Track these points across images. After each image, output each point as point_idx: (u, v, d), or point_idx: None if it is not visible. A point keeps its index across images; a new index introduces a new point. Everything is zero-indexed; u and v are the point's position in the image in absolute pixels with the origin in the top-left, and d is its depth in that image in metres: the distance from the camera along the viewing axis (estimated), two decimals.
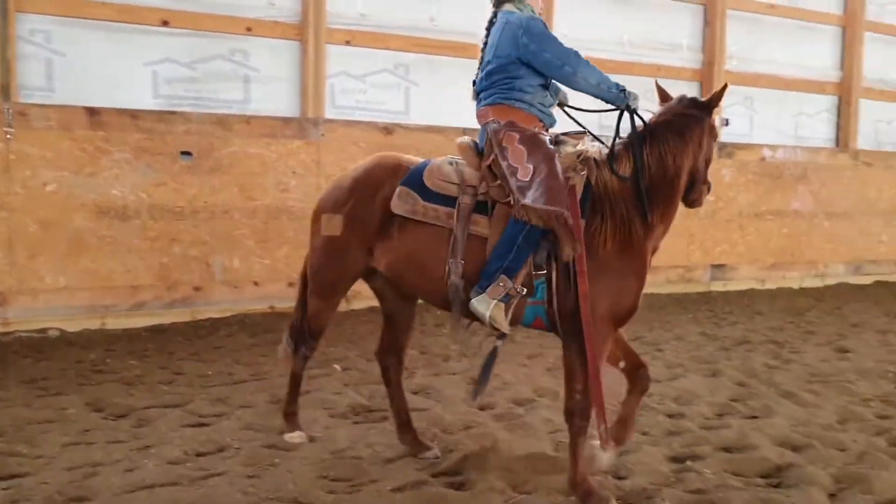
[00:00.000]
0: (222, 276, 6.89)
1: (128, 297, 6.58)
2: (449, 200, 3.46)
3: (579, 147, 3.51)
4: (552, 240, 3.26)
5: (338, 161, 7.30)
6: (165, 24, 6.86)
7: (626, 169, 3.41)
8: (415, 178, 3.54)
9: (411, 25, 7.93)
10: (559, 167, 3.33)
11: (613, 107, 3.52)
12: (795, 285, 9.78)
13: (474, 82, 3.77)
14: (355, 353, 5.94)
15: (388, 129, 7.58)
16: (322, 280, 3.89)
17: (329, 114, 7.57)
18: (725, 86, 3.60)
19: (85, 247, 6.36)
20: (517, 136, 3.43)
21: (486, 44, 3.68)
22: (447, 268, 3.39)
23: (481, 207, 3.42)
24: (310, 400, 4.69)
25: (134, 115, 6.54)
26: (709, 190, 3.69)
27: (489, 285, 3.28)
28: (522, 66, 3.51)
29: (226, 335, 6.39)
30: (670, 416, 4.40)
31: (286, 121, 7.18)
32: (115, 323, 6.50)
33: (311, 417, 4.34)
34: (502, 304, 3.28)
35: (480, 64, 3.72)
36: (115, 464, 3.62)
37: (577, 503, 3.25)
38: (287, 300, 7.14)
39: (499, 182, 3.38)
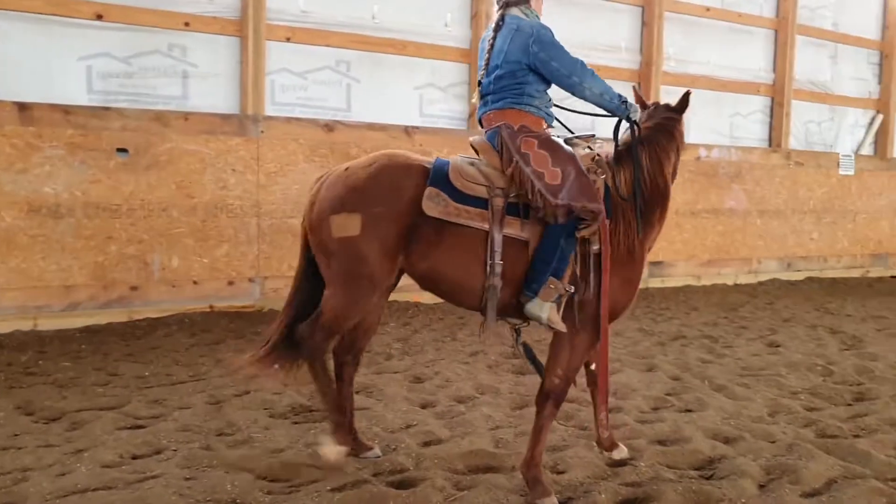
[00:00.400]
0: (160, 274, 6.77)
1: (61, 298, 6.41)
2: (480, 202, 3.46)
3: (594, 149, 3.67)
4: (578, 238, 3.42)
5: (277, 158, 7.24)
6: (100, 17, 6.69)
7: (627, 174, 3.58)
8: (441, 179, 3.48)
9: (353, 23, 7.89)
10: (584, 167, 3.49)
11: (614, 116, 3.70)
12: (730, 281, 10.04)
13: (479, 83, 3.77)
14: None
15: (329, 127, 7.54)
16: (345, 284, 3.54)
17: (269, 111, 7.49)
18: (689, 92, 3.77)
19: (16, 246, 6.18)
20: (535, 141, 3.52)
21: (492, 46, 3.71)
22: (486, 269, 3.42)
23: (512, 209, 3.48)
24: (249, 400, 4.65)
25: (67, 110, 6.37)
26: None
27: (539, 288, 3.38)
28: (531, 72, 3.60)
29: (164, 335, 6.27)
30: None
31: (225, 117, 7.08)
32: (47, 324, 6.32)
33: (250, 418, 4.31)
34: (555, 305, 3.38)
35: (486, 67, 3.73)
36: (47, 468, 3.52)
37: (526, 486, 3.35)
38: (226, 299, 7.08)
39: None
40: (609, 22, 9.56)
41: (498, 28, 3.71)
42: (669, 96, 9.78)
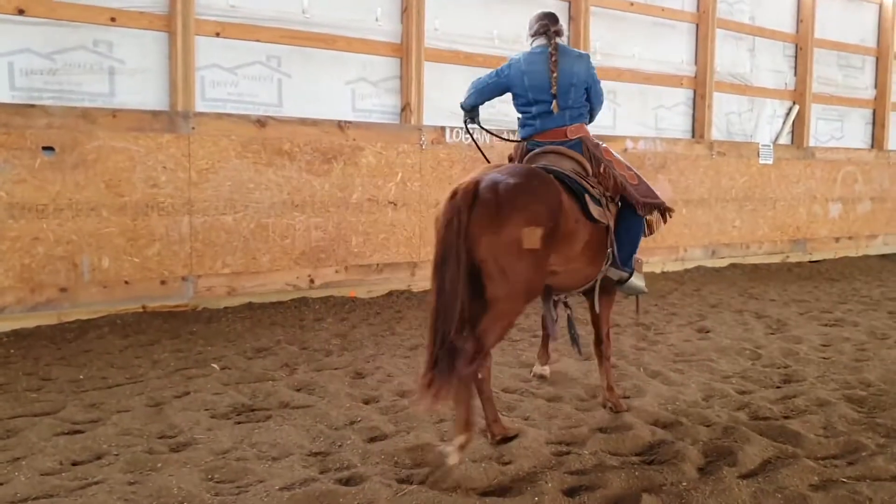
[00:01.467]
0: (90, 276, 6.60)
1: None
2: (600, 201, 4.11)
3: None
4: None
5: (209, 155, 7.13)
6: (21, 12, 6.47)
7: None
8: (579, 185, 4.03)
9: (283, 17, 7.81)
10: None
11: None
12: (658, 269, 10.34)
13: (554, 96, 4.31)
14: (233, 352, 5.83)
15: (261, 122, 7.46)
16: (523, 295, 3.64)
17: (200, 107, 7.36)
18: None
19: None
20: (607, 149, 4.45)
21: (556, 66, 4.30)
22: (606, 257, 4.19)
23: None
24: (189, 401, 4.60)
25: None
26: None
27: (633, 265, 4.33)
28: (586, 92, 4.45)
29: (96, 337, 6.13)
30: (549, 399, 4.60)
31: (155, 114, 6.93)
32: None
33: (192, 419, 4.27)
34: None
35: (557, 84, 4.28)
36: None
37: (613, 406, 4.39)
38: (159, 299, 6.96)
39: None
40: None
41: (556, 52, 4.33)
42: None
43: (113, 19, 6.91)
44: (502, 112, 9.43)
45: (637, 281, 4.38)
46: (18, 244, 6.27)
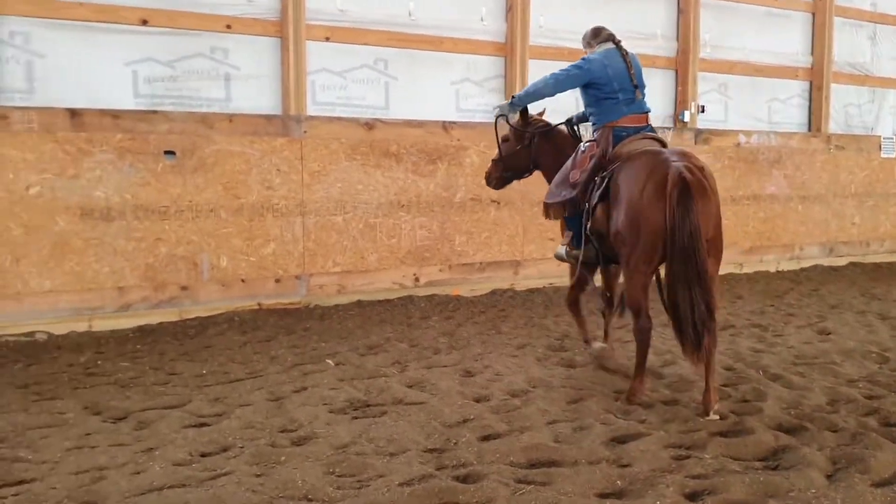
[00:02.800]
0: (209, 274, 6.88)
1: (114, 299, 6.55)
2: None
3: None
4: None
5: (320, 157, 7.31)
6: (144, 22, 6.81)
7: None
8: None
9: (390, 20, 7.94)
10: None
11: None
12: (772, 268, 9.96)
13: (636, 87, 4.95)
14: (346, 349, 5.96)
15: (369, 125, 7.60)
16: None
17: (311, 110, 7.57)
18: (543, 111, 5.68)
19: (70, 249, 6.32)
20: None
21: (631, 66, 4.96)
22: None
23: None
24: (307, 396, 4.73)
25: (115, 115, 6.50)
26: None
27: None
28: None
29: (216, 334, 6.39)
30: (666, 403, 4.50)
31: (269, 118, 7.17)
32: (101, 325, 6.47)
33: (311, 414, 4.38)
34: None
35: (634, 76, 4.96)
36: (121, 467, 3.62)
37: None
38: (274, 297, 7.19)
39: None
40: (644, 9, 9.51)
41: (627, 54, 4.99)
42: (706, 83, 9.76)
43: (229, 27, 7.18)
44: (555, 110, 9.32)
45: None
46: (143, 244, 6.60)
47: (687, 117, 9.61)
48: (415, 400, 4.64)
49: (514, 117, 5.57)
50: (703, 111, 9.77)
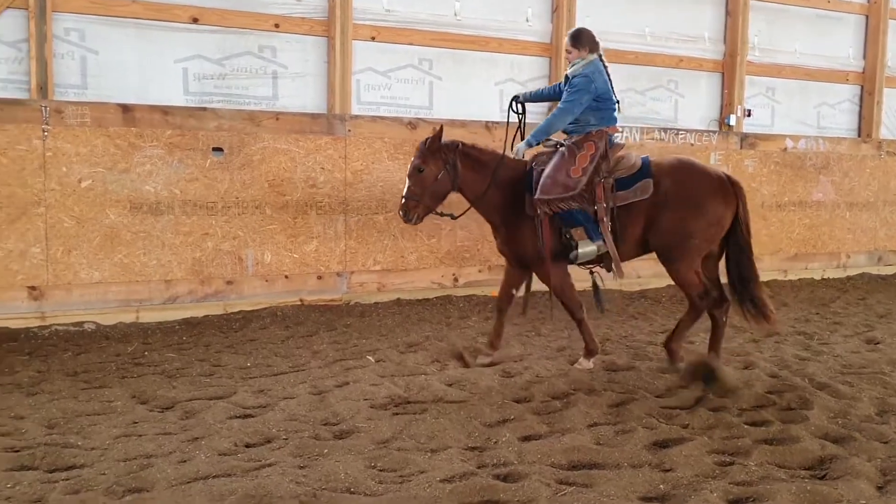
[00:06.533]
0: (254, 269, 6.98)
1: (161, 291, 6.68)
2: None
3: None
4: None
5: (364, 156, 7.37)
6: (195, 21, 6.93)
7: None
8: None
9: (435, 20, 7.97)
10: None
11: None
12: (817, 276, 9.79)
13: (616, 102, 5.41)
14: (386, 346, 6.01)
15: (412, 125, 7.64)
16: None
17: (355, 110, 7.63)
18: (441, 127, 5.39)
19: (119, 242, 6.46)
20: None
21: (610, 78, 5.36)
22: None
23: None
24: (349, 391, 4.78)
25: (166, 111, 6.63)
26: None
27: None
28: None
29: (259, 328, 6.48)
30: (710, 409, 4.45)
31: (314, 117, 7.24)
32: (148, 316, 6.60)
33: (353, 408, 4.42)
34: None
35: (613, 89, 5.40)
36: (168, 455, 3.70)
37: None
38: (316, 293, 7.27)
39: None
40: (691, 11, 9.40)
41: (606, 66, 5.34)
42: (753, 86, 9.62)
43: (277, 25, 7.27)
44: (653, 110, 9.25)
45: None
46: (190, 239, 6.72)
47: (733, 121, 9.49)
48: (455, 398, 4.66)
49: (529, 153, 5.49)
50: (749, 115, 9.64)
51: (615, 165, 5.24)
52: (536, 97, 5.76)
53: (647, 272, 8.77)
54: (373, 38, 7.70)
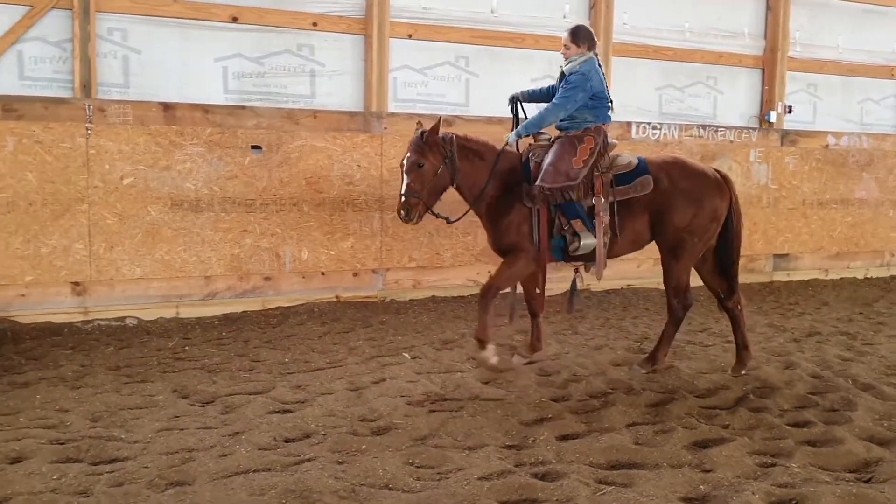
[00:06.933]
0: (291, 266, 7.04)
1: (201, 287, 6.77)
2: None
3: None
4: None
5: (400, 154, 7.31)
6: (235, 20, 7.00)
7: None
8: None
9: (472, 17, 7.96)
10: None
11: None
12: (860, 275, 9.61)
13: (610, 101, 5.31)
14: (422, 343, 6.02)
15: (448, 122, 7.61)
16: None
17: (392, 107, 7.65)
18: (440, 119, 5.15)
19: (160, 238, 6.56)
20: None
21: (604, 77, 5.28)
22: None
23: None
24: (386, 387, 4.80)
25: (206, 109, 6.71)
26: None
27: None
28: None
29: (296, 323, 6.54)
30: (751, 409, 4.39)
31: (352, 115, 7.28)
32: (188, 312, 6.70)
33: (390, 405, 4.44)
34: None
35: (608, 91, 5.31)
36: (209, 449, 3.75)
37: None
38: (351, 290, 7.31)
39: None
40: (731, 7, 9.27)
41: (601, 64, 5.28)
42: (794, 82, 9.45)
43: (315, 24, 7.32)
44: (692, 106, 9.15)
45: None
46: (230, 235, 6.80)
47: (773, 118, 9.34)
48: (491, 396, 4.66)
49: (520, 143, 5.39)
50: (790, 112, 9.48)
51: (612, 162, 5.23)
52: (534, 96, 5.62)
53: None
54: (410, 36, 7.72)
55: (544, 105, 5.24)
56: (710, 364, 5.45)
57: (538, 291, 5.53)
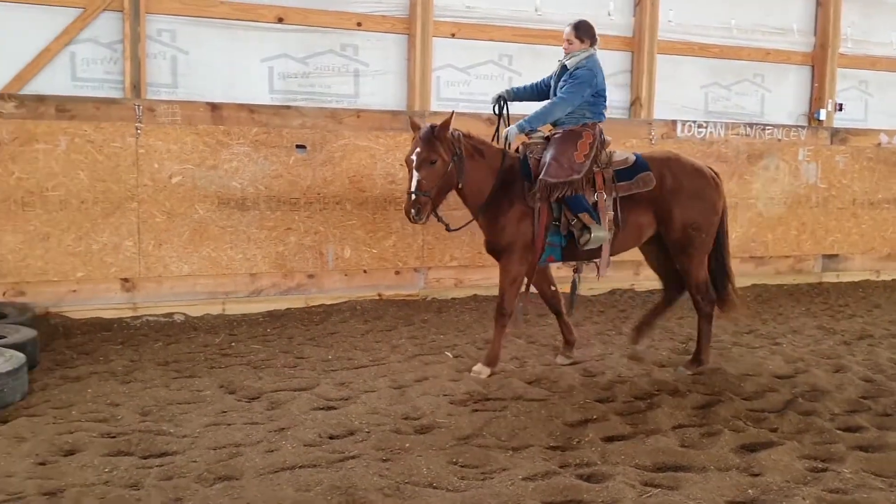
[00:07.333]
0: (334, 264, 7.10)
1: (246, 284, 6.87)
2: None
3: None
4: None
5: None
6: (280, 20, 7.08)
7: None
8: None
9: (516, 16, 7.94)
10: None
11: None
12: None
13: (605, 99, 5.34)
14: (464, 341, 6.03)
15: (491, 121, 7.57)
16: None
17: (434, 106, 7.66)
18: (452, 113, 5.03)
19: (207, 236, 6.66)
20: None
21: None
22: None
23: None
24: (428, 386, 4.81)
25: (252, 109, 6.80)
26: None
27: None
28: None
29: (339, 321, 6.59)
30: (800, 413, 4.31)
31: (394, 114, 7.31)
32: (234, 308, 6.79)
33: (432, 403, 4.45)
34: None
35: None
36: (256, 444, 3.80)
37: None
38: (393, 288, 7.35)
39: None
40: (780, 3, 9.11)
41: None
42: (845, 79, 9.25)
43: (359, 24, 7.37)
44: (738, 105, 9.02)
45: None
46: (274, 234, 6.88)
47: (823, 116, 9.16)
48: (535, 397, 4.64)
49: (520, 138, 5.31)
50: (840, 109, 9.29)
51: (609, 158, 5.22)
52: (521, 94, 5.55)
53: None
54: (453, 35, 7.72)
55: (541, 102, 5.26)
56: (756, 367, 5.36)
57: (553, 289, 5.56)
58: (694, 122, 8.39)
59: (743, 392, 4.74)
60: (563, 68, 5.26)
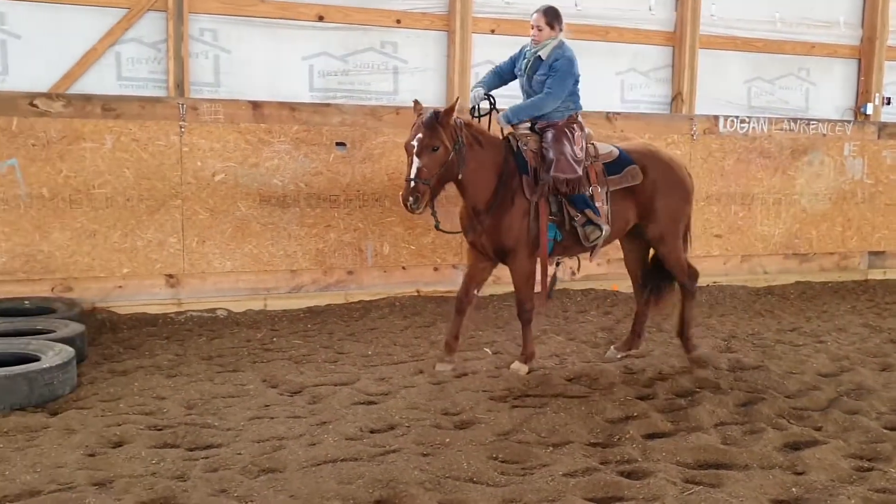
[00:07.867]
0: (373, 260, 7.15)
1: (287, 281, 6.95)
2: None
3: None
4: None
5: None
6: (321, 18, 7.15)
7: None
8: None
9: None
10: None
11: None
12: None
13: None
14: (503, 338, 6.04)
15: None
16: None
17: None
18: (457, 99, 5.12)
19: (249, 233, 6.75)
20: None
21: None
22: None
23: None
24: (468, 382, 4.83)
25: (293, 107, 6.87)
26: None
27: None
28: None
29: (378, 317, 6.64)
30: (845, 411, 4.24)
31: None
32: (275, 304, 6.87)
33: (472, 399, 4.47)
34: None
35: None
36: (298, 438, 3.85)
37: None
38: (432, 284, 7.37)
39: None
40: None
41: None
42: (893, 73, 9.04)
43: (398, 21, 7.41)
44: (782, 99, 8.88)
45: None
46: (314, 230, 6.95)
47: (870, 110, 8.98)
48: (576, 394, 4.63)
49: (507, 128, 5.22)
50: (888, 103, 9.09)
51: (596, 152, 5.20)
52: (491, 84, 5.37)
53: (774, 268, 8.47)
54: (492, 31, 7.72)
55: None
56: (800, 364, 5.28)
57: (476, 292, 5.44)
58: (737, 117, 8.27)
59: (786, 390, 4.68)
60: (538, 59, 5.12)
